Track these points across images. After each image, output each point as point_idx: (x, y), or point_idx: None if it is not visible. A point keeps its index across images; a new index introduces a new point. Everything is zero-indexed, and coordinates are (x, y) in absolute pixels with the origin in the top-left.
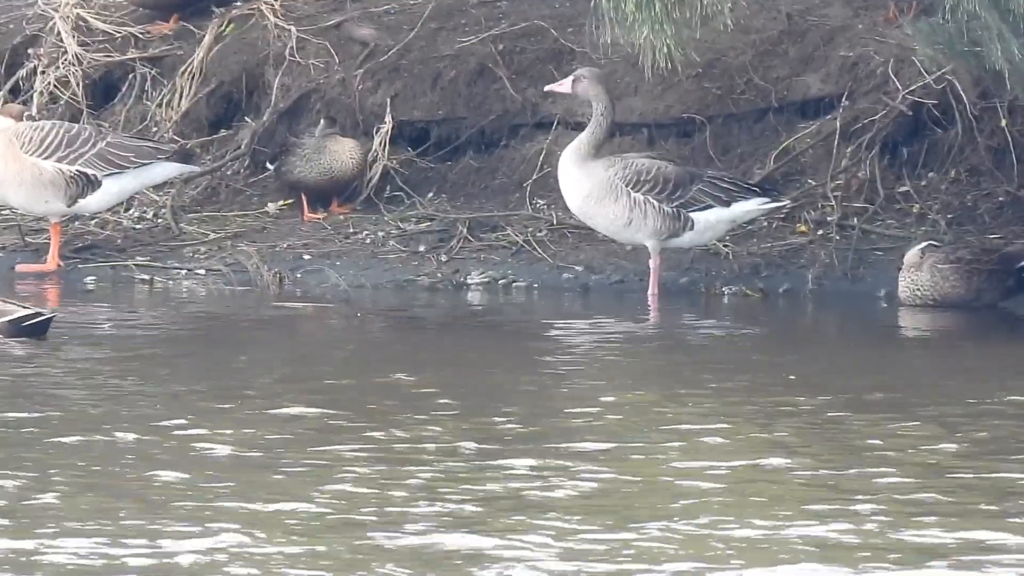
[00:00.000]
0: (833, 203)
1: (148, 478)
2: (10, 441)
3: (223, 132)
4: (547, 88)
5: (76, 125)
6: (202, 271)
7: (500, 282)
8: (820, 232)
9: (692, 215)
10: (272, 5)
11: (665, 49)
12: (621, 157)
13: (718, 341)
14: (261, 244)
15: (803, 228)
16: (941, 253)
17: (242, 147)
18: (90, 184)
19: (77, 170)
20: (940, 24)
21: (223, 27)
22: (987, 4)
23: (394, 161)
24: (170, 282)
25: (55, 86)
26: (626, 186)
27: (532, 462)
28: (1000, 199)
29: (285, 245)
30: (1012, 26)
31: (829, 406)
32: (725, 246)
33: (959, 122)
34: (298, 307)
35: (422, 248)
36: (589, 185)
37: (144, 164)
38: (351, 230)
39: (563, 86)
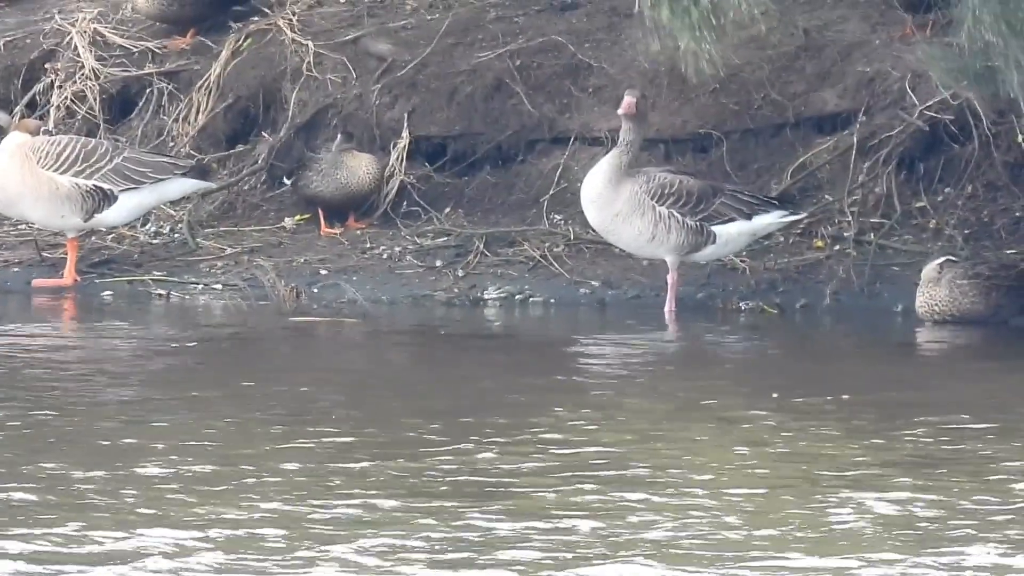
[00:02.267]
0: (850, 218)
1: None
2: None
3: (240, 147)
4: (620, 111)
5: (93, 140)
6: (219, 286)
7: (517, 297)
8: (837, 247)
9: (714, 228)
10: (289, 20)
11: (707, 56)
12: (643, 171)
13: (740, 357)
14: (278, 259)
15: (819, 243)
16: (960, 268)
17: (259, 162)
18: (106, 199)
19: (93, 185)
20: (953, 48)
21: (240, 42)
22: (1004, 31)
23: (411, 176)
24: (187, 297)
25: (72, 101)
26: (651, 199)
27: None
28: (1017, 214)
29: (302, 260)
30: None
31: (865, 422)
32: (742, 261)
33: (976, 138)
34: (342, 321)
35: (439, 263)
36: (620, 203)
37: (161, 179)
38: (368, 245)
39: (630, 107)
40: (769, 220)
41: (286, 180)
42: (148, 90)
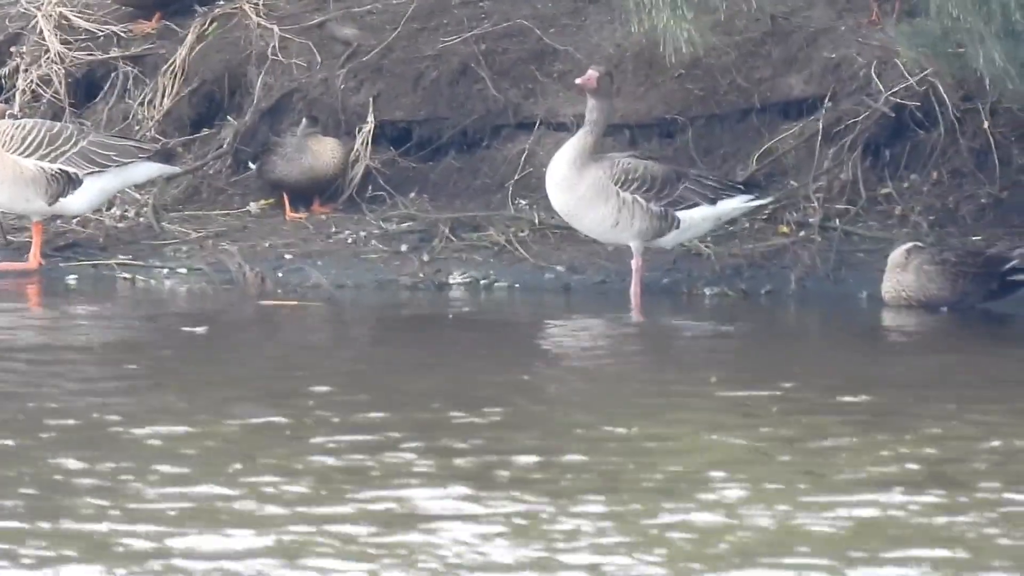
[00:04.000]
0: (815, 204)
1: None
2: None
3: (205, 131)
4: (578, 81)
5: (58, 124)
6: (184, 270)
7: (482, 282)
8: (802, 233)
9: (679, 214)
10: (255, 4)
11: (686, 35)
12: (607, 157)
13: (704, 342)
14: (243, 243)
15: (785, 229)
16: (927, 254)
17: (224, 146)
18: (71, 182)
19: (59, 168)
20: (924, 26)
21: (206, 26)
22: (970, 8)
23: (376, 161)
24: (152, 281)
25: (37, 84)
26: (615, 185)
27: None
28: (982, 201)
29: (267, 244)
30: (992, 30)
31: (824, 408)
32: (707, 247)
33: (941, 124)
34: (301, 304)
35: (404, 248)
36: (584, 187)
37: (126, 163)
38: (333, 229)
39: (591, 81)
40: (733, 205)
41: (251, 164)
42: (113, 74)
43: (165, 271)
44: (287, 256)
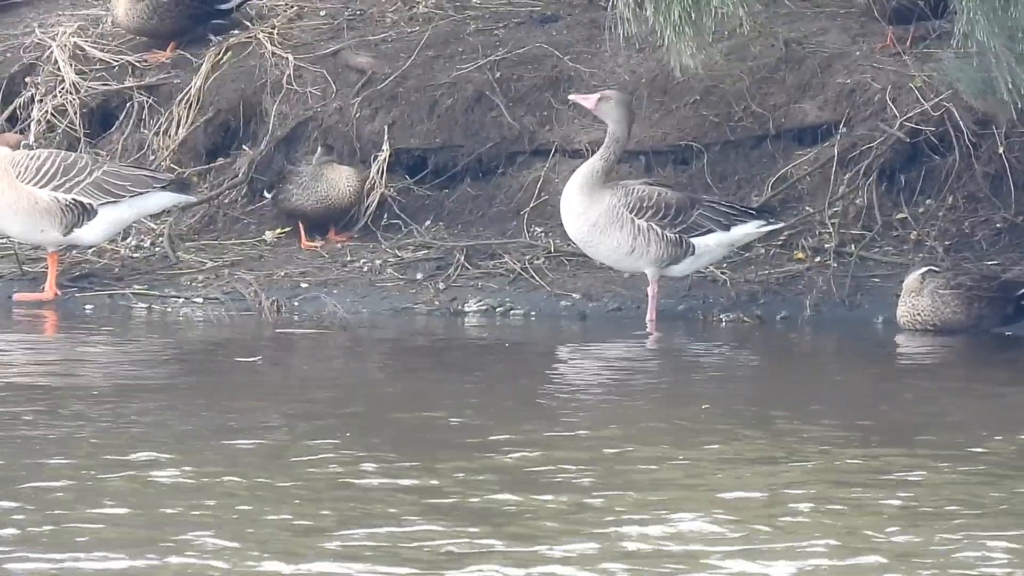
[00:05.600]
0: (831, 230)
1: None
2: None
3: (220, 160)
4: (571, 98)
5: (72, 154)
6: (200, 299)
7: (498, 310)
8: (818, 259)
9: (693, 240)
10: (269, 33)
11: (688, 52)
12: (621, 184)
13: (719, 370)
14: (258, 272)
15: (800, 255)
16: (942, 279)
17: (239, 175)
18: (86, 213)
19: (73, 199)
20: (969, 55)
21: (220, 55)
22: (999, 35)
23: (391, 189)
24: (168, 310)
25: (52, 115)
26: (629, 213)
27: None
28: (997, 226)
29: (282, 273)
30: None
31: (847, 439)
32: (723, 273)
33: (956, 149)
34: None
35: (420, 276)
36: (596, 213)
37: (140, 193)
38: (348, 258)
39: (588, 101)
40: (747, 230)
41: (266, 193)
42: (128, 104)
43: (181, 300)
44: (303, 285)
